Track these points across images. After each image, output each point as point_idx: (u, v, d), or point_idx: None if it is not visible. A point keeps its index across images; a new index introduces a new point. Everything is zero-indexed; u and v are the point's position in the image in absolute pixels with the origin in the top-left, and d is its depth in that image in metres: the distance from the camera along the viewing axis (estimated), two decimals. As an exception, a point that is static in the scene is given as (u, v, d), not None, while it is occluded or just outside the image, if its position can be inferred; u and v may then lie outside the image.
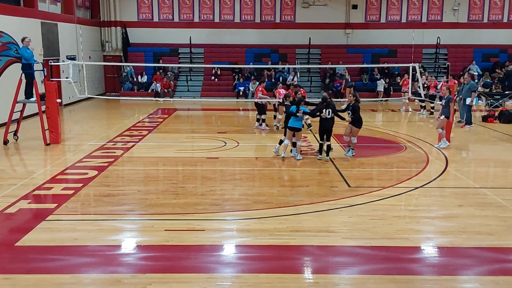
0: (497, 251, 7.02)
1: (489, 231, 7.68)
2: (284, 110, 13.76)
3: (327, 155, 12.35)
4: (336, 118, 12.49)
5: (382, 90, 25.41)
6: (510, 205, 8.90)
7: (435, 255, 7.00)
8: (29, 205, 8.86)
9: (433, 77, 23.55)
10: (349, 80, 25.53)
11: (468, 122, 17.36)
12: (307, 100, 14.40)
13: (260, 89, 17.05)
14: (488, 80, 25.16)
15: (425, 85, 20.69)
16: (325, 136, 12.41)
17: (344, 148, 13.18)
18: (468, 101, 17.18)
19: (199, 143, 14.76)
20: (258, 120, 17.08)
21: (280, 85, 18.61)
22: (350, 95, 13.23)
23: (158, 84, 25.94)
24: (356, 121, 12.57)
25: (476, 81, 23.10)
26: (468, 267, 6.59)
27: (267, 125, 16.85)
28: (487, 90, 24.26)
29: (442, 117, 13.64)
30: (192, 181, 10.46)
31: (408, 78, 19.90)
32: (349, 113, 12.69)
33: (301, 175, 11.04)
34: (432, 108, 20.51)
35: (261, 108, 16.92)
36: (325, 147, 12.43)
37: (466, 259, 6.82)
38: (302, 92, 15.92)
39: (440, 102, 14.57)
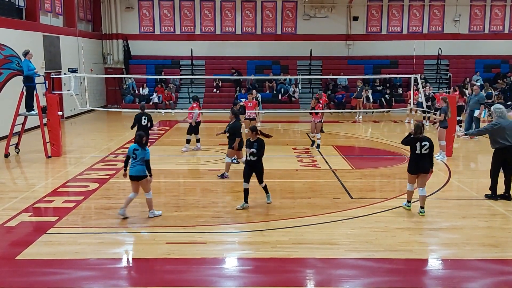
0: (501, 263, 6.95)
1: (493, 242, 7.62)
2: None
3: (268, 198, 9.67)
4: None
5: (368, 101, 23.83)
6: (514, 216, 8.84)
7: (439, 267, 6.95)
8: (30, 218, 8.83)
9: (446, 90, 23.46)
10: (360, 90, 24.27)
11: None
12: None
13: (195, 105, 15.00)
14: (491, 91, 25.16)
15: (430, 96, 20.66)
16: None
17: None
18: (476, 113, 16.78)
19: (201, 155, 14.72)
20: (197, 140, 15.23)
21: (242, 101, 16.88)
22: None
23: (155, 95, 26.03)
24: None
25: (479, 92, 22.99)
26: (473, 279, 6.53)
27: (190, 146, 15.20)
28: (490, 101, 24.23)
29: (438, 128, 13.60)
30: (194, 194, 10.42)
31: (416, 89, 19.76)
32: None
33: (303, 187, 10.98)
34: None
35: (192, 128, 14.95)
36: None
37: (470, 271, 6.76)
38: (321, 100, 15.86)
39: (437, 113, 14.46)
